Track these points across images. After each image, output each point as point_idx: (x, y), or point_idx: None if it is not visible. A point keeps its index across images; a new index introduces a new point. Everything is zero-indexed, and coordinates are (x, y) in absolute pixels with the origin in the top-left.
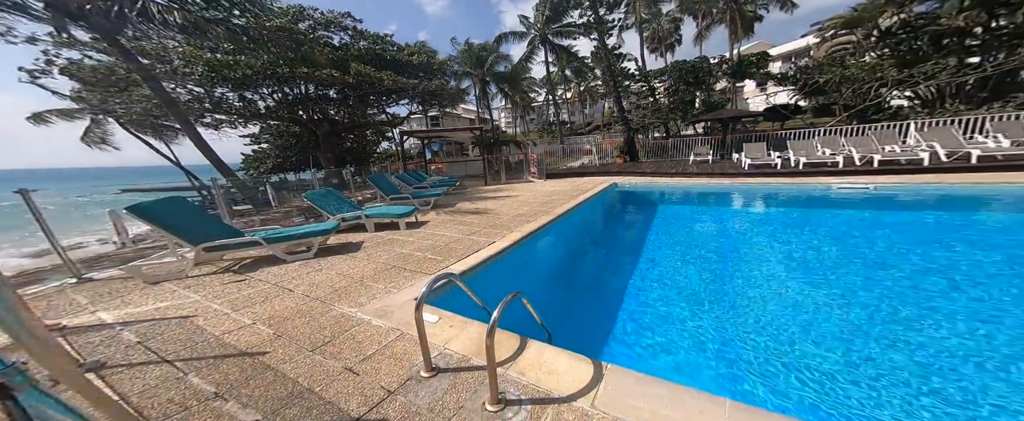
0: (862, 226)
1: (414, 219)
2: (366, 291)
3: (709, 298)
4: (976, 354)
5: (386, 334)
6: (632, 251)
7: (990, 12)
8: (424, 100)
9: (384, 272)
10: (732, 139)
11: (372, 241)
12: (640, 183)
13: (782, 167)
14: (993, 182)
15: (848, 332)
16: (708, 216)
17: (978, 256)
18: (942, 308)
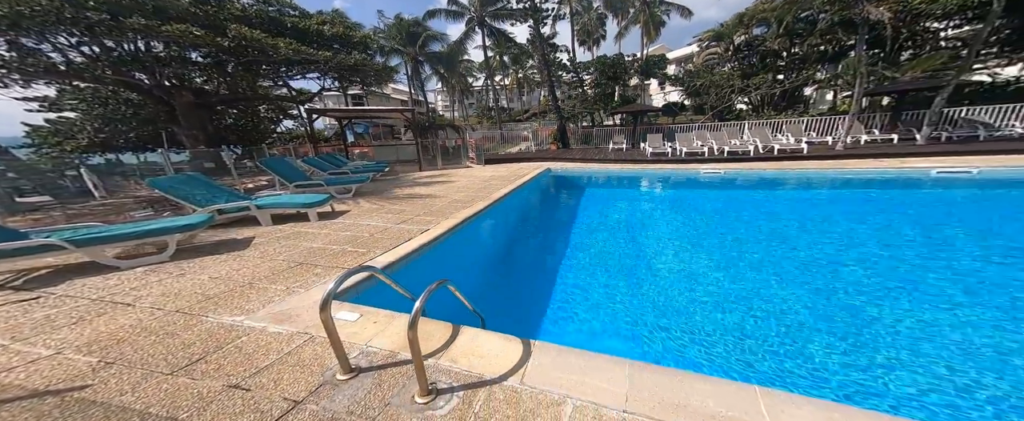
0: (719, 203)
1: (330, 209)
2: (258, 295)
3: (625, 270)
4: (796, 284)
5: (289, 340)
6: (562, 232)
7: (791, 40)
8: (341, 76)
9: (286, 271)
10: (639, 130)
11: (268, 236)
12: (570, 169)
13: (672, 155)
14: (787, 168)
15: (719, 283)
16: (623, 197)
17: (786, 220)
18: (774, 254)
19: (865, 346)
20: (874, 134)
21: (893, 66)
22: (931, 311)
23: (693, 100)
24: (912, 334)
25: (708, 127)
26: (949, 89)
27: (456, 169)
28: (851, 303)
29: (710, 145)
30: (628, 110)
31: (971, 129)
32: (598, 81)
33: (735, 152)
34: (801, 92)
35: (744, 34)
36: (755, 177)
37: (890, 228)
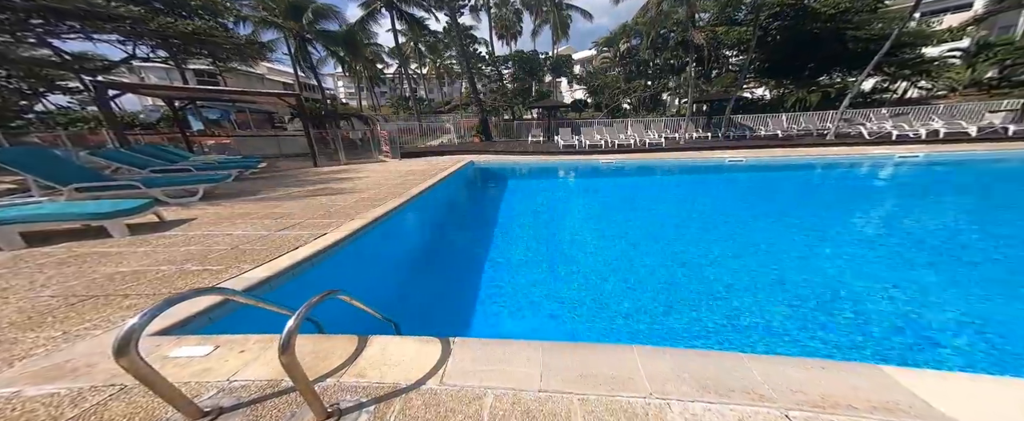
0: (614, 188)
1: (155, 218)
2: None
3: (548, 255)
4: (681, 252)
5: (76, 400)
6: (488, 223)
7: (655, 52)
8: (172, 45)
9: (62, 310)
10: (553, 124)
11: (21, 265)
12: (494, 161)
13: (579, 147)
14: (654, 158)
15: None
16: (542, 186)
17: (662, 202)
18: (658, 231)
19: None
20: (700, 132)
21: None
22: (745, 260)
23: (594, 98)
24: (739, 276)
25: (604, 123)
26: (731, 102)
27: (366, 164)
28: (696, 263)
29: (606, 138)
30: (544, 105)
31: (743, 130)
32: (516, 75)
33: (624, 145)
34: (661, 96)
35: (626, 43)
36: (636, 165)
37: (718, 200)
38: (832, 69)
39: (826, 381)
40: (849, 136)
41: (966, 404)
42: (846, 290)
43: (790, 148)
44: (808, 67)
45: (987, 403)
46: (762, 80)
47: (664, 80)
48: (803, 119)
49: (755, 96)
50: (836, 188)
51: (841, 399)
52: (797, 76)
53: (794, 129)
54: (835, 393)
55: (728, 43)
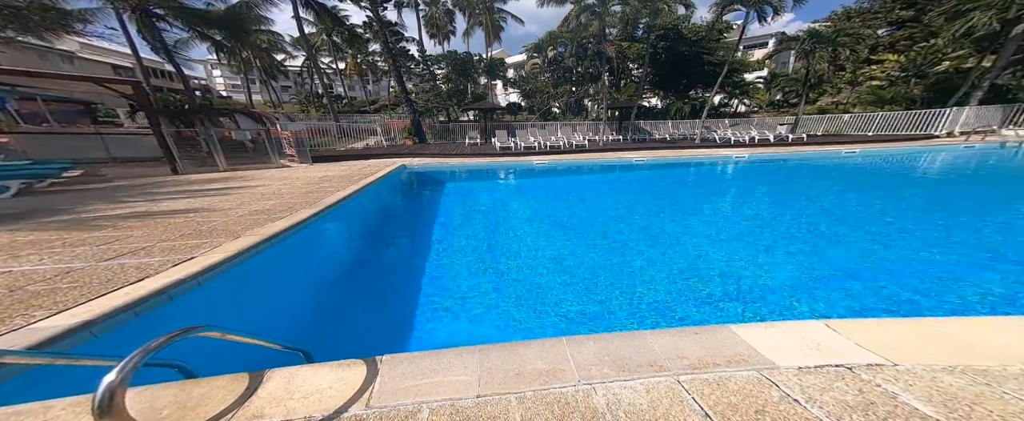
0: (548, 187)
1: None
2: None
3: (489, 257)
4: (611, 239)
5: None
6: (423, 229)
7: (578, 59)
8: None
9: None
10: (490, 126)
11: None
12: (429, 164)
13: (515, 149)
14: (581, 158)
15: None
16: (480, 188)
17: (588, 198)
18: (587, 225)
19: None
20: (614, 135)
21: (617, 90)
22: (655, 250)
23: (527, 101)
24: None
25: (537, 125)
26: (634, 109)
27: (262, 170)
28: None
29: (540, 140)
30: (480, 107)
31: (644, 134)
32: (450, 76)
33: (555, 146)
34: (584, 102)
35: (553, 51)
36: (566, 165)
37: (630, 196)
38: (697, 85)
39: (699, 345)
40: (708, 140)
41: (772, 344)
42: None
43: (675, 149)
44: (682, 82)
45: (782, 342)
46: (655, 91)
47: (585, 87)
48: (681, 126)
49: (651, 105)
50: (705, 181)
51: (709, 358)
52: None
53: (677, 133)
54: (705, 355)
55: (631, 57)
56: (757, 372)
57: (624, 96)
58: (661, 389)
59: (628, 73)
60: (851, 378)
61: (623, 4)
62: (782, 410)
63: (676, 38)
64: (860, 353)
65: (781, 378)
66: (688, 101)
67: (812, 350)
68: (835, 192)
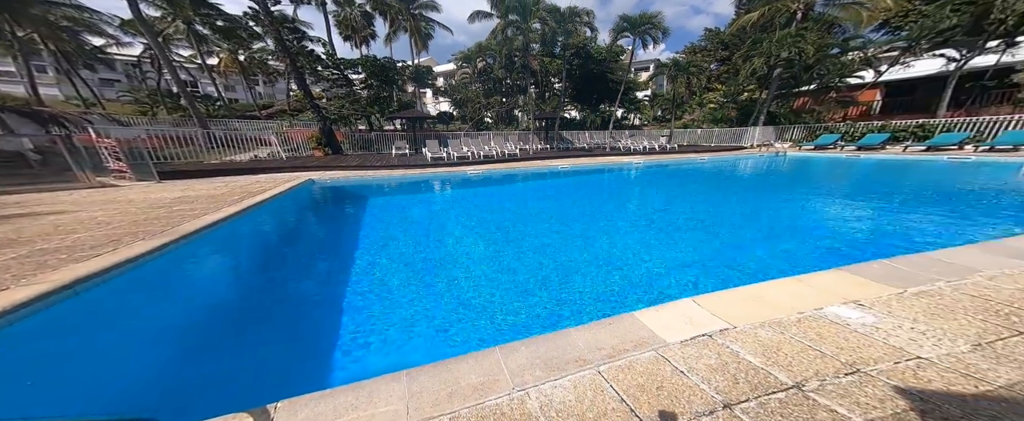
0: (484, 196)
1: None
2: None
3: (422, 273)
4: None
5: None
6: (334, 251)
7: (507, 71)
8: None
9: None
10: (420, 136)
11: None
12: (348, 177)
13: (448, 160)
14: (514, 167)
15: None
16: (413, 201)
17: (522, 206)
18: (522, 231)
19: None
20: (542, 144)
21: (543, 102)
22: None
23: (458, 110)
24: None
25: (471, 135)
26: (557, 120)
27: (63, 193)
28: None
29: (473, 150)
30: (407, 116)
31: (567, 143)
32: (369, 82)
33: (488, 156)
34: (514, 112)
35: (482, 61)
36: (500, 174)
37: (554, 201)
38: (604, 100)
39: (612, 334)
40: (615, 149)
41: (662, 324)
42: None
43: (592, 157)
44: (594, 97)
45: (669, 321)
46: (574, 104)
47: (515, 98)
48: (595, 136)
49: (572, 117)
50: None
51: (620, 345)
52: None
53: (593, 142)
54: (617, 342)
55: (552, 71)
56: (655, 352)
57: (549, 108)
58: (586, 382)
59: (551, 86)
60: (712, 344)
61: (542, 23)
62: (674, 382)
63: (586, 57)
64: (715, 322)
65: (671, 354)
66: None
67: (687, 325)
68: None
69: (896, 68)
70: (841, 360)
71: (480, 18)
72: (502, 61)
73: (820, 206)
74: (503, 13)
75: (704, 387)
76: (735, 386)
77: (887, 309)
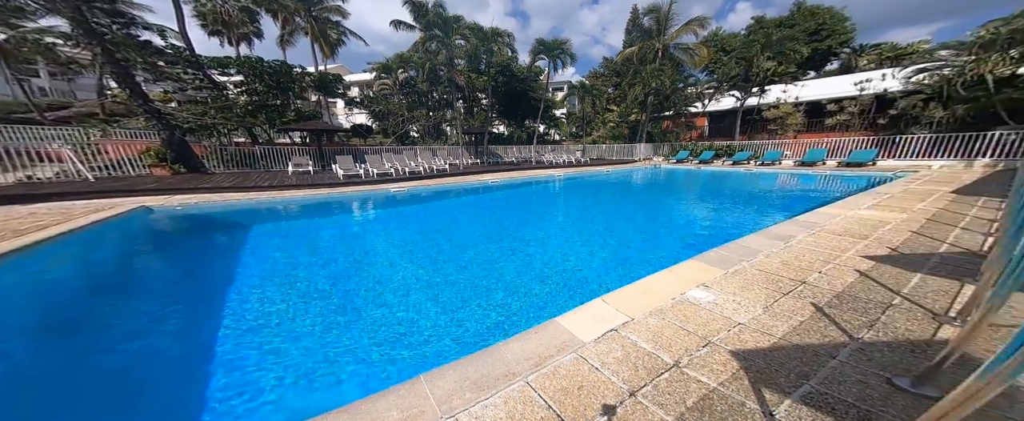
0: (408, 215)
1: None
2: None
3: (316, 302)
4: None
5: None
6: (190, 296)
7: (432, 84)
8: None
9: None
10: (329, 151)
11: None
12: (213, 201)
13: (366, 177)
14: (445, 183)
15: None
16: (318, 226)
17: (452, 222)
18: (451, 248)
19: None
20: (472, 159)
21: (471, 117)
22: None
23: (379, 123)
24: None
25: (394, 150)
26: (486, 135)
27: None
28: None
29: (397, 166)
30: (310, 128)
31: (497, 157)
32: (252, 86)
33: (415, 172)
34: (442, 126)
35: (404, 73)
36: (430, 190)
37: (494, 214)
38: (528, 117)
39: (538, 342)
40: (540, 162)
41: (579, 325)
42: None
43: (520, 171)
44: (519, 113)
45: (584, 321)
46: (501, 119)
47: (442, 112)
48: (523, 150)
49: (500, 132)
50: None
51: (545, 352)
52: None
53: (520, 157)
54: (543, 350)
55: (479, 87)
56: (575, 354)
57: (478, 122)
58: (516, 396)
59: (478, 102)
60: (617, 338)
61: (465, 40)
62: (591, 380)
63: (510, 75)
64: (619, 316)
65: (587, 353)
66: (525, 129)
67: (599, 323)
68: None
69: (712, 102)
70: (699, 335)
71: (403, 28)
72: (425, 74)
73: (682, 207)
74: (425, 26)
75: (615, 380)
76: (636, 374)
77: (720, 288)
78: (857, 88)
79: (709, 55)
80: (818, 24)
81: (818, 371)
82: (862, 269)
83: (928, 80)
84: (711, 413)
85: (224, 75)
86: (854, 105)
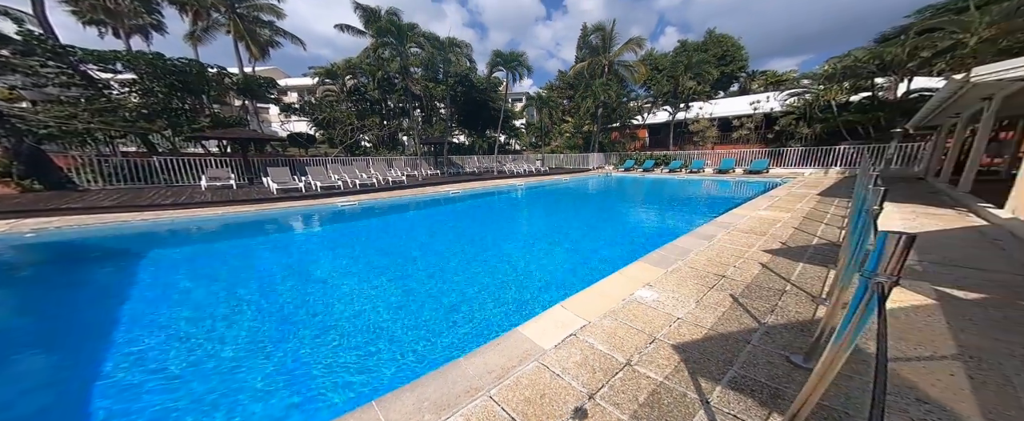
0: (358, 230)
1: None
2: None
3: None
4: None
5: None
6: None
7: (385, 92)
8: None
9: None
10: (259, 162)
11: None
12: (86, 225)
13: (307, 191)
14: (403, 195)
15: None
16: (241, 248)
17: (411, 236)
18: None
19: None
20: (432, 169)
21: (430, 126)
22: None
23: (324, 132)
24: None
25: (342, 161)
26: (446, 145)
27: None
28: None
29: (346, 178)
30: (230, 136)
31: (458, 168)
32: (148, 87)
33: (367, 184)
34: (398, 136)
35: (353, 80)
36: (386, 204)
37: (446, 226)
38: (489, 127)
39: (500, 353)
40: (502, 172)
41: (540, 333)
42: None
43: (482, 181)
44: (479, 123)
45: (545, 328)
46: (462, 129)
47: (398, 121)
48: (484, 160)
49: (460, 141)
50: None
51: (508, 363)
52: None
53: (482, 167)
54: (505, 361)
55: (437, 97)
56: (537, 362)
57: (437, 132)
58: (479, 412)
59: (437, 111)
60: (576, 342)
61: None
62: (553, 386)
63: (469, 85)
64: (577, 321)
65: (549, 360)
66: (486, 139)
67: (559, 329)
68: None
69: (650, 115)
70: (646, 333)
71: (351, 33)
72: (378, 81)
73: (632, 212)
74: (377, 32)
75: (575, 384)
76: (594, 376)
77: (662, 286)
78: (751, 108)
79: (646, 72)
80: (724, 50)
81: (739, 356)
82: (763, 262)
83: (797, 103)
84: (660, 407)
85: (108, 71)
86: (751, 122)
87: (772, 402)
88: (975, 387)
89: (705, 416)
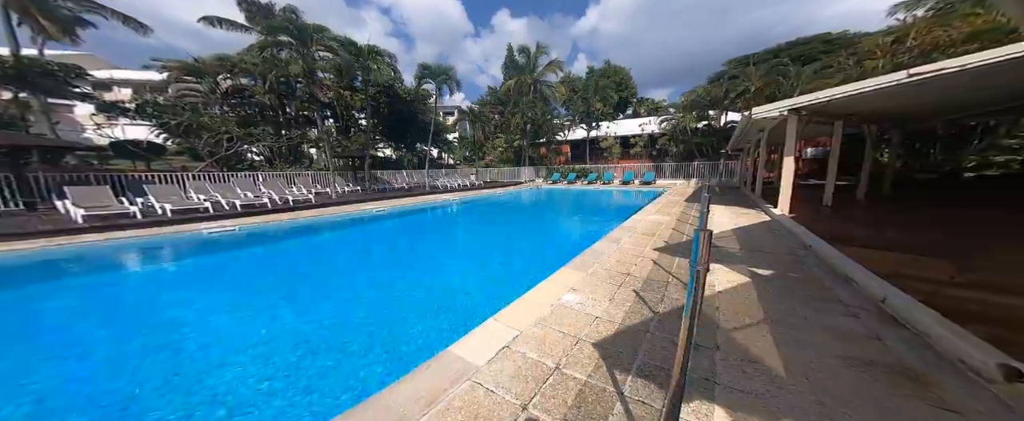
0: (236, 262)
1: None
2: None
3: None
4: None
5: None
6: None
7: (283, 97)
8: None
9: None
10: (50, 180)
11: None
12: None
13: (144, 216)
14: (306, 216)
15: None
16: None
17: (315, 264)
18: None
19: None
20: (350, 186)
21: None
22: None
23: (179, 141)
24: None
25: (209, 177)
26: (367, 159)
27: None
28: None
29: (216, 199)
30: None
31: (384, 184)
32: None
33: (250, 205)
34: (303, 148)
35: (231, 80)
36: (275, 228)
37: (370, 248)
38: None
39: (431, 377)
40: (435, 187)
41: (472, 350)
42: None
43: (412, 197)
44: (408, 136)
45: (477, 345)
46: (388, 142)
47: (302, 131)
48: (415, 175)
49: (387, 155)
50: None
51: (439, 386)
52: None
53: (413, 182)
54: (436, 383)
55: (355, 106)
56: (470, 381)
57: (356, 144)
58: None
59: (356, 122)
60: (510, 354)
61: (333, 54)
62: (486, 404)
63: (394, 96)
64: (510, 332)
65: (482, 376)
66: (416, 153)
67: (492, 342)
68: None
69: (570, 132)
70: (572, 335)
71: (227, 27)
72: (266, 86)
73: (559, 220)
74: (268, 31)
75: (509, 398)
76: (527, 386)
77: (583, 289)
78: (640, 129)
79: (565, 93)
80: (620, 78)
81: (642, 345)
82: (654, 259)
83: (668, 127)
84: (585, 405)
85: None
86: (641, 141)
87: (668, 382)
88: (777, 344)
89: (621, 407)
